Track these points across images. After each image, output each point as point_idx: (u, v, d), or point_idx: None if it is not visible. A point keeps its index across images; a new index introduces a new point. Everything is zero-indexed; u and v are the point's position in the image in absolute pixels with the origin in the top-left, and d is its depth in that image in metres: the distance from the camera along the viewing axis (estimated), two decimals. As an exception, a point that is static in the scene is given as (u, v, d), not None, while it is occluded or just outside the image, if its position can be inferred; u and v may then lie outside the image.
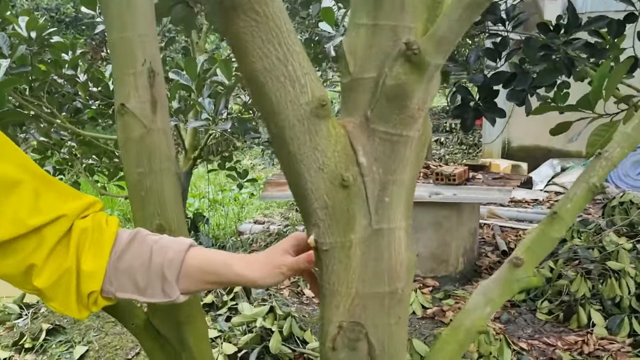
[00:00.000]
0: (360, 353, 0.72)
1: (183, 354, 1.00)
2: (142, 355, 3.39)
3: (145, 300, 0.91)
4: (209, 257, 0.93)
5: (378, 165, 0.71)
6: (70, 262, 0.87)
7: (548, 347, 3.62)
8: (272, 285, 0.90)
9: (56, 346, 3.45)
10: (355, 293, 0.73)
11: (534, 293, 4.27)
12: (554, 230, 0.92)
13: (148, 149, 1.00)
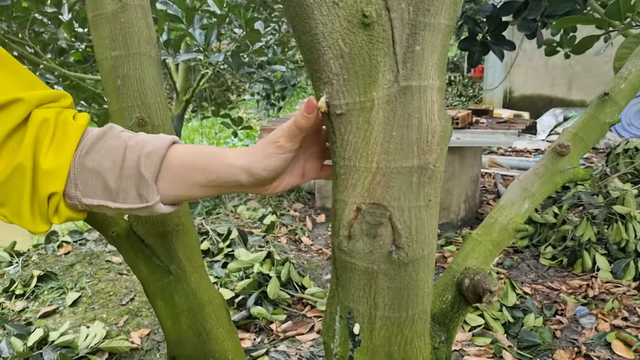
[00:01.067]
0: (382, 241, 0.59)
1: (172, 266, 0.86)
2: (137, 300, 3.30)
3: (118, 206, 0.75)
4: (195, 150, 0.77)
5: (408, 0, 0.56)
6: (24, 157, 0.71)
7: (552, 292, 3.55)
8: (272, 169, 0.72)
9: (48, 292, 3.34)
10: (376, 168, 0.58)
11: (537, 239, 4.19)
12: (605, 114, 0.78)
13: (123, 28, 0.84)
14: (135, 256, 0.89)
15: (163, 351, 2.93)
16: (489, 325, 3.10)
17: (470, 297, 0.70)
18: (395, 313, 0.61)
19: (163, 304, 0.88)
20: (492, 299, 0.67)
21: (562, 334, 3.07)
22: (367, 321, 0.61)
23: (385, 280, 0.60)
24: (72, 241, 4.05)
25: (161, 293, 0.88)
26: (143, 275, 0.90)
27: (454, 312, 0.72)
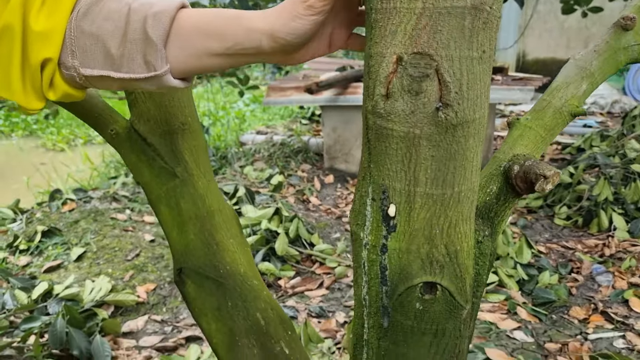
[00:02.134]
0: (426, 98, 0.49)
1: (177, 168, 0.77)
2: (143, 256, 3.24)
3: (121, 76, 0.65)
4: (210, 13, 0.66)
5: None
6: (11, 18, 0.61)
7: (567, 251, 3.47)
8: (299, 34, 0.60)
9: (52, 248, 3.29)
10: (422, 9, 0.48)
11: (551, 199, 4.09)
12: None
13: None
14: (137, 158, 0.80)
15: (169, 305, 2.88)
16: (502, 282, 3.03)
17: (520, 185, 0.61)
18: (438, 189, 0.51)
19: (168, 210, 0.80)
20: (546, 186, 0.58)
21: (577, 291, 2.99)
22: (404, 201, 0.52)
23: (429, 148, 0.50)
24: (77, 199, 3.98)
25: (166, 198, 0.79)
26: (145, 179, 0.81)
27: (500, 205, 0.63)
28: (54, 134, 8.29)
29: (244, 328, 0.77)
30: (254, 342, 0.77)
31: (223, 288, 0.78)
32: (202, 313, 0.78)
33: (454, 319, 0.55)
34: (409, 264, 0.53)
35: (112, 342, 2.50)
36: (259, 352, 0.77)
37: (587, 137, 5.05)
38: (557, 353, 2.47)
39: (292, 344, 0.80)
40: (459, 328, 0.56)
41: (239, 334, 0.77)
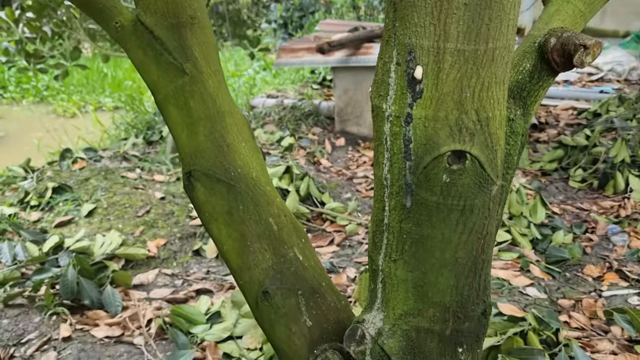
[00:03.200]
0: None
1: (186, 65, 0.73)
2: (153, 213, 3.23)
3: None
4: None
5: None
6: None
7: (582, 212, 3.41)
8: None
9: (63, 204, 3.29)
10: None
11: (566, 162, 4.01)
12: None
13: None
14: (144, 53, 0.75)
15: (180, 260, 2.88)
16: (515, 241, 2.99)
17: (556, 60, 0.56)
18: (471, 45, 0.47)
19: (177, 111, 0.76)
20: (585, 58, 0.53)
21: (592, 250, 2.95)
22: (432, 60, 0.48)
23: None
24: (87, 158, 3.97)
25: (174, 98, 0.75)
26: (153, 77, 0.76)
27: (533, 84, 0.58)
28: (64, 100, 8.29)
29: (255, 233, 0.74)
30: (266, 247, 0.74)
31: (234, 191, 0.74)
32: (212, 218, 0.75)
33: (483, 194, 0.51)
34: (435, 132, 0.49)
35: (122, 294, 2.50)
36: (271, 257, 0.74)
37: (604, 102, 4.95)
38: (570, 309, 2.44)
39: (306, 251, 0.77)
40: (488, 206, 0.52)
41: (251, 239, 0.74)
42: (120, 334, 2.25)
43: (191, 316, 2.25)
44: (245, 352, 2.10)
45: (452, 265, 0.54)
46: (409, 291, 0.56)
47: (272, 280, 0.74)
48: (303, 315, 0.73)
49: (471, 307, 0.56)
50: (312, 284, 0.75)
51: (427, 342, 0.57)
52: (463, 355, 0.57)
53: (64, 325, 2.27)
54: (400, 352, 0.57)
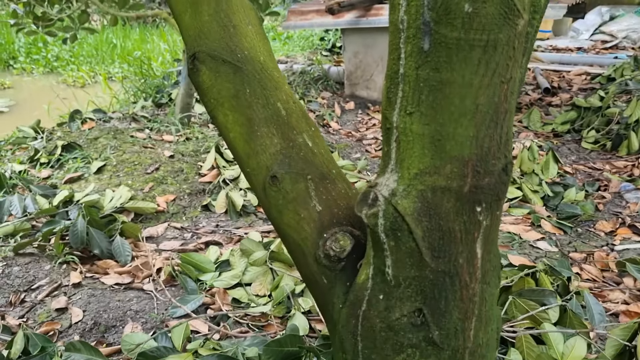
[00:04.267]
0: None
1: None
2: (162, 170, 3.22)
3: None
4: None
5: None
6: None
7: (594, 171, 3.37)
8: None
9: (72, 161, 3.28)
10: None
11: (579, 123, 3.95)
12: None
13: None
14: None
15: (189, 214, 2.88)
16: (526, 197, 2.95)
17: None
18: None
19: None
20: None
21: (605, 207, 2.91)
22: None
23: None
24: (96, 119, 3.96)
25: (179, -24, 0.73)
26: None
27: None
28: (74, 70, 8.27)
29: (263, 117, 0.72)
30: (274, 131, 0.72)
31: (241, 74, 0.72)
32: (218, 103, 0.73)
33: (508, 27, 0.48)
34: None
35: (132, 245, 2.50)
36: (279, 141, 0.71)
37: (619, 66, 4.85)
38: (582, 262, 2.42)
39: (316, 139, 0.75)
40: (513, 44, 0.50)
41: (258, 124, 0.72)
42: (129, 281, 2.26)
43: (200, 264, 2.25)
44: (254, 297, 2.10)
45: (472, 113, 0.52)
46: (425, 147, 0.54)
47: (280, 164, 0.71)
48: (312, 200, 0.71)
49: (491, 161, 0.54)
50: (321, 169, 0.73)
51: (443, 202, 0.55)
52: (482, 215, 0.55)
53: (74, 273, 2.28)
54: (415, 213, 0.55)
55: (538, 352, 1.63)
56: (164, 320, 1.98)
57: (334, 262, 0.68)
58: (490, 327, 0.61)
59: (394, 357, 0.61)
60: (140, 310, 2.05)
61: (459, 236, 0.56)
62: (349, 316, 0.64)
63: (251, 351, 1.67)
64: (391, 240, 0.57)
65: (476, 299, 0.58)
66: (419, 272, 0.57)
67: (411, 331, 0.60)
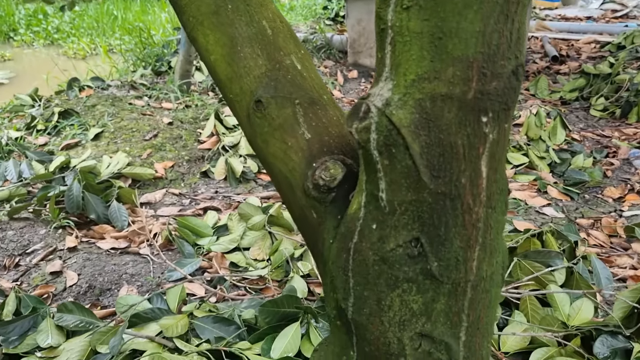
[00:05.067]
0: None
1: None
2: (161, 137, 3.16)
3: None
4: None
5: None
6: None
7: (603, 138, 3.28)
8: None
9: (69, 128, 3.22)
10: None
11: (587, 91, 3.85)
12: None
13: None
14: None
15: (187, 181, 2.82)
16: (533, 164, 2.88)
17: None
18: None
19: None
20: None
21: (613, 174, 2.84)
22: None
23: None
24: (95, 86, 3.89)
25: None
26: None
27: None
28: (75, 42, 8.16)
29: (247, 35, 0.65)
30: (259, 52, 0.65)
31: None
32: (197, 22, 0.66)
33: None
34: None
35: (129, 211, 2.46)
36: (265, 62, 0.65)
37: (629, 34, 4.71)
38: (589, 227, 2.35)
39: (305, 62, 0.68)
40: None
41: (241, 43, 0.65)
42: (126, 246, 2.21)
43: (198, 228, 2.20)
44: (252, 262, 2.05)
45: (478, 3, 0.45)
46: (423, 48, 0.47)
47: (265, 88, 0.65)
48: (301, 127, 0.64)
49: (500, 62, 0.47)
50: (311, 94, 0.66)
51: (444, 112, 0.48)
52: (488, 126, 0.49)
53: (70, 237, 2.24)
54: (412, 125, 0.49)
55: (543, 314, 1.58)
56: (160, 283, 1.94)
57: (323, 193, 0.62)
58: (495, 259, 0.55)
59: (388, 293, 0.56)
60: (136, 273, 2.00)
61: (461, 152, 0.49)
62: (340, 250, 0.58)
63: (247, 313, 1.62)
64: (385, 158, 0.51)
65: (480, 225, 0.51)
66: (417, 196, 0.51)
67: (407, 263, 0.54)
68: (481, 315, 0.55)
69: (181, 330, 1.54)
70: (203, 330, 1.55)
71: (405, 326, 0.56)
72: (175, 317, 1.59)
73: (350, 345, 0.62)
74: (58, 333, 1.54)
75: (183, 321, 1.56)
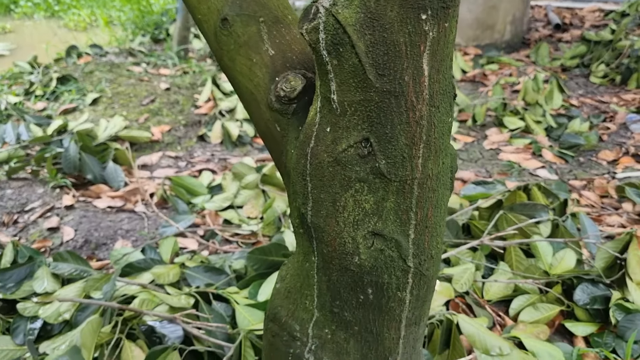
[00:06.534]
0: None
1: None
2: (158, 102, 3.18)
3: None
4: None
5: None
6: None
7: (601, 104, 3.27)
8: None
9: (67, 94, 3.25)
10: None
11: (588, 57, 3.83)
12: None
13: None
14: None
15: (184, 145, 2.85)
16: (529, 128, 2.89)
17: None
18: None
19: None
20: None
21: (609, 137, 2.84)
22: None
23: None
24: (93, 53, 3.90)
25: None
26: None
27: None
28: (75, 14, 8.13)
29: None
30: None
31: None
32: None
33: None
34: None
35: (126, 172, 2.49)
36: None
37: (634, 2, 4.65)
38: (581, 188, 2.37)
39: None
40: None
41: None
42: (122, 204, 2.25)
43: (192, 187, 2.24)
44: (245, 219, 2.08)
45: None
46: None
47: (231, 6, 0.67)
48: (265, 44, 0.66)
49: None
50: (275, 13, 0.68)
51: (387, 11, 0.50)
52: (427, 24, 0.50)
53: (67, 196, 2.28)
54: (357, 24, 0.51)
55: (527, 264, 1.61)
56: (153, 237, 1.98)
57: (284, 105, 0.64)
58: (441, 159, 0.57)
59: (342, 194, 0.58)
60: (131, 229, 2.05)
61: (403, 49, 0.51)
62: (299, 157, 0.61)
63: (238, 263, 1.66)
64: (334, 58, 0.53)
65: (424, 123, 0.53)
66: (364, 95, 0.53)
67: (358, 163, 0.56)
68: (429, 214, 0.58)
69: (172, 278, 1.58)
70: (194, 279, 1.58)
71: (358, 226, 0.58)
72: (167, 267, 1.62)
73: (311, 252, 0.64)
74: (54, 280, 1.59)
75: (174, 270, 1.60)
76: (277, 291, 0.72)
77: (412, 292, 0.60)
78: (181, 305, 1.34)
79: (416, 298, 0.61)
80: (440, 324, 1.26)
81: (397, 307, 0.61)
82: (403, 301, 0.61)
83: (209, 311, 1.33)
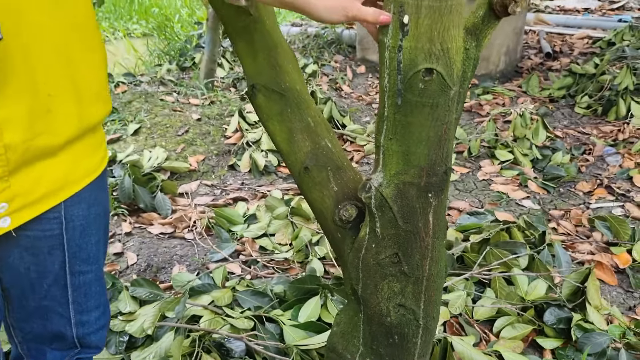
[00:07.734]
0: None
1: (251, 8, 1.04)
2: (191, 132, 3.60)
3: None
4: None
5: None
6: None
7: (583, 135, 3.69)
8: (333, 22, 0.87)
9: (111, 124, 3.66)
10: None
11: (574, 89, 4.24)
12: None
13: None
14: (221, 0, 1.07)
15: (217, 173, 3.26)
16: (517, 160, 3.30)
17: (499, 10, 0.87)
18: (437, 2, 0.78)
19: (244, 44, 1.09)
20: (516, 9, 0.84)
21: (587, 169, 3.26)
22: (414, 12, 0.79)
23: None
24: (127, 82, 4.31)
25: (243, 33, 1.08)
26: (224, 14, 1.09)
27: (484, 25, 0.89)
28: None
29: (299, 127, 1.08)
30: (306, 137, 1.08)
31: (284, 99, 1.07)
32: (269, 117, 1.09)
33: (444, 95, 0.84)
34: (415, 57, 0.81)
35: (171, 200, 2.91)
36: (309, 144, 1.08)
37: (619, 31, 5.07)
38: (560, 218, 2.79)
39: (334, 142, 1.11)
40: (448, 104, 0.85)
41: (295, 132, 1.08)
42: (172, 231, 2.67)
43: (231, 217, 2.66)
44: (277, 246, 2.51)
45: (425, 141, 0.88)
46: (399, 158, 0.90)
47: (310, 159, 1.08)
48: (331, 183, 1.08)
49: (437, 168, 0.90)
50: (337, 163, 1.10)
51: (409, 191, 0.92)
52: (432, 198, 0.92)
53: (125, 223, 2.70)
54: (393, 197, 0.92)
55: (508, 291, 2.04)
56: (204, 263, 2.40)
57: (345, 224, 1.06)
58: (439, 265, 1.00)
59: (381, 282, 1.00)
60: (184, 255, 2.47)
61: (418, 210, 0.93)
62: (354, 258, 1.03)
63: (278, 288, 2.08)
64: (379, 211, 0.95)
65: (429, 247, 0.96)
66: (395, 231, 0.95)
67: (391, 266, 0.98)
68: (432, 295, 1.00)
69: (227, 300, 2.01)
70: (244, 301, 2.01)
71: (390, 300, 1.01)
72: (222, 290, 2.05)
73: (359, 311, 1.07)
74: (133, 302, 2.01)
75: (228, 294, 2.03)
76: (334, 332, 1.15)
77: (421, 338, 1.03)
78: (244, 327, 1.77)
79: (423, 342, 1.04)
80: (438, 342, 1.69)
81: (412, 347, 1.04)
82: (416, 344, 1.03)
83: (264, 331, 1.76)
